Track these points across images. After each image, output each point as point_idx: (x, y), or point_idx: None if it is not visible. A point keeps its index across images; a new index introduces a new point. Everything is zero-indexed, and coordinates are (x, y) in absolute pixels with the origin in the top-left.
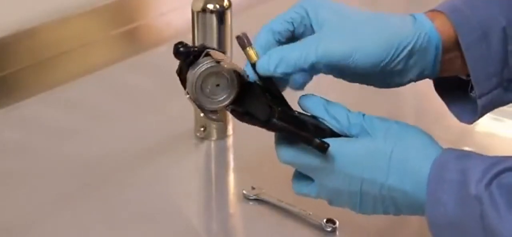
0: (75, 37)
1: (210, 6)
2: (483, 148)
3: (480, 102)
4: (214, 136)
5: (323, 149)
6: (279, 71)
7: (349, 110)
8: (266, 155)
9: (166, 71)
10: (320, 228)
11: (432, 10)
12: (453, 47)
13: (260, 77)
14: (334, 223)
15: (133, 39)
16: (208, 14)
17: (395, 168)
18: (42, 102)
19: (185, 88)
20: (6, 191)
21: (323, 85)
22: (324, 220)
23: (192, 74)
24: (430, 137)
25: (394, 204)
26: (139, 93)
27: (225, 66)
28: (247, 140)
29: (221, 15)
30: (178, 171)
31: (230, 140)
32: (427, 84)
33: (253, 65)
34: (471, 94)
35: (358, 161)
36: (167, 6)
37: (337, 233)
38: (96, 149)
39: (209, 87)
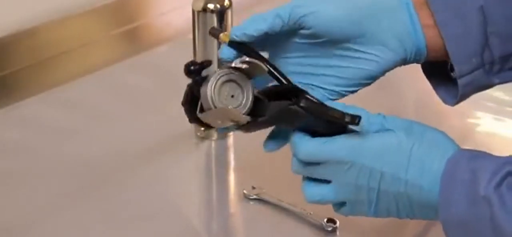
0: (75, 37)
1: (211, 6)
2: (484, 147)
3: (460, 82)
4: (215, 136)
5: (355, 122)
6: (252, 28)
7: (368, 111)
8: (267, 154)
9: (166, 70)
10: (320, 227)
11: None
12: (432, 23)
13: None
14: (334, 222)
15: (133, 39)
16: (208, 14)
17: (415, 164)
18: (42, 102)
19: (193, 112)
20: (6, 191)
21: None
22: (325, 220)
23: (209, 87)
24: (449, 138)
25: (409, 203)
26: (139, 93)
27: (237, 72)
28: (247, 140)
29: (221, 14)
30: (178, 171)
31: (230, 140)
32: (428, 83)
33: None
34: (452, 74)
35: (379, 154)
36: (168, 6)
37: (338, 233)
38: (96, 149)
39: (225, 99)
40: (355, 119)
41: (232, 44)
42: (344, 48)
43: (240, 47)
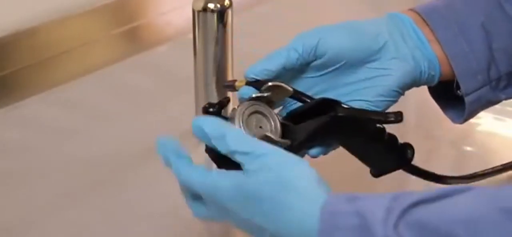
0: (75, 37)
1: (211, 6)
2: (485, 148)
3: (467, 99)
4: None
5: (398, 119)
6: (271, 64)
7: (231, 132)
8: None
9: (166, 70)
10: None
11: (409, 10)
12: (435, 39)
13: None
14: None
15: (134, 39)
16: (209, 14)
17: (281, 216)
18: (42, 102)
19: (229, 164)
20: (6, 191)
21: None
22: None
23: (237, 126)
24: (316, 177)
25: None
26: (139, 93)
27: (257, 102)
28: None
29: (222, 14)
30: None
31: None
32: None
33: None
34: (458, 92)
35: (239, 201)
36: (168, 6)
37: None
38: (96, 149)
39: (255, 131)
40: (398, 116)
41: (250, 83)
42: (357, 70)
43: (257, 84)
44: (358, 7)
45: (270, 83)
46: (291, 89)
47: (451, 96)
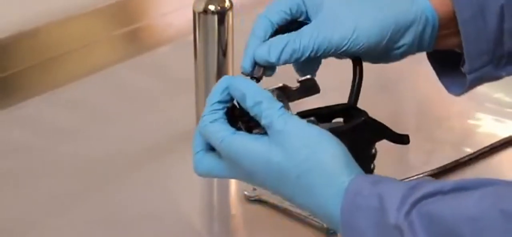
0: (77, 38)
1: (212, 7)
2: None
3: (469, 77)
4: None
5: (406, 141)
6: (281, 61)
7: (268, 102)
8: None
9: (167, 71)
10: (321, 229)
11: None
12: (448, 24)
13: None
14: None
15: (135, 40)
16: (209, 15)
17: (302, 190)
18: (44, 103)
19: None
20: (8, 191)
21: (322, 82)
22: None
23: None
24: (345, 157)
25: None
26: (141, 93)
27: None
28: None
29: (222, 16)
30: (179, 172)
31: None
32: (429, 85)
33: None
34: (462, 68)
35: (265, 171)
36: (169, 7)
37: (339, 234)
38: (98, 149)
39: None
40: (408, 139)
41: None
42: None
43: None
44: None
45: (300, 78)
46: (319, 89)
47: (448, 65)
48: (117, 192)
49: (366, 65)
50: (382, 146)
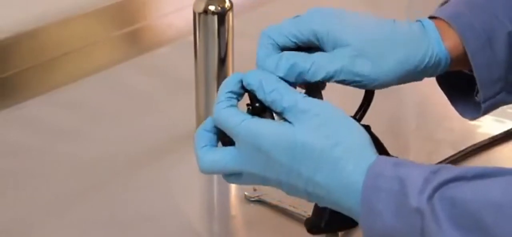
0: (76, 38)
1: (212, 8)
2: (485, 149)
3: (484, 105)
4: None
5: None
6: (288, 77)
7: (286, 88)
8: None
9: (167, 72)
10: None
11: (435, 17)
12: (460, 57)
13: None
14: None
15: (135, 40)
16: (209, 16)
17: (325, 166)
18: (44, 103)
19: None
20: (8, 191)
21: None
22: None
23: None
24: (367, 139)
25: (320, 201)
26: (141, 94)
27: None
28: None
29: (222, 16)
30: (179, 172)
31: None
32: (429, 86)
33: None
34: (476, 97)
35: (287, 149)
36: (169, 8)
37: (339, 234)
38: (97, 150)
39: None
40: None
41: None
42: None
43: None
44: (357, 7)
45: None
46: (322, 97)
47: (459, 90)
48: (117, 193)
49: None
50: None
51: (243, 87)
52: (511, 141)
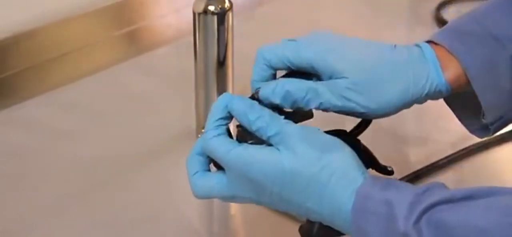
0: (75, 39)
1: (212, 8)
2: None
3: (492, 127)
4: None
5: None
6: (283, 104)
7: (270, 115)
8: None
9: (167, 72)
10: None
11: (433, 42)
12: (462, 86)
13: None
14: None
15: (134, 41)
16: (209, 16)
17: (314, 192)
18: (42, 104)
19: None
20: (6, 192)
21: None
22: None
23: None
24: (354, 160)
25: (314, 219)
26: (140, 95)
27: None
28: None
29: (222, 17)
30: (179, 172)
31: None
32: None
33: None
34: (483, 120)
35: (276, 177)
36: (168, 8)
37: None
38: (96, 151)
39: None
40: (392, 172)
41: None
42: None
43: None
44: (358, 7)
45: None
46: (312, 115)
47: (467, 108)
48: (115, 193)
49: None
50: (380, 148)
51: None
52: (508, 142)
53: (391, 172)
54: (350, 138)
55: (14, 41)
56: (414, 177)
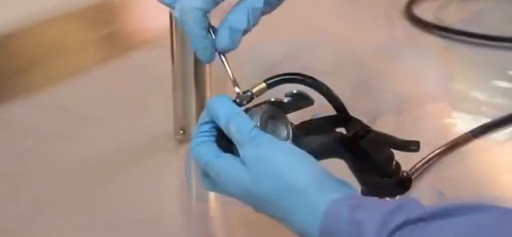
0: (54, 41)
1: None
2: (462, 148)
3: None
4: None
5: (417, 148)
6: (238, 39)
7: (241, 122)
8: None
9: (145, 73)
10: None
11: None
12: None
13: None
14: None
15: (113, 43)
16: None
17: (281, 214)
18: (25, 106)
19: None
20: None
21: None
22: None
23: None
24: (322, 176)
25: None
26: (118, 97)
27: (273, 107)
28: None
29: None
30: (157, 175)
31: None
32: (406, 85)
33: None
34: None
35: (244, 196)
36: (147, 9)
37: None
38: (77, 153)
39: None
40: (418, 146)
41: (270, 86)
42: None
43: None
44: (346, 7)
45: (294, 91)
46: (313, 100)
47: None
48: (95, 196)
49: (343, 63)
50: None
51: None
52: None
53: (417, 148)
54: (357, 122)
55: None
56: None
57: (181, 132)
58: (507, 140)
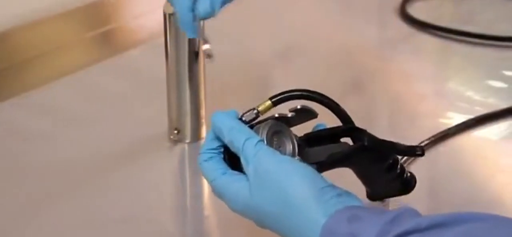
0: (47, 40)
1: None
2: (457, 147)
3: None
4: (188, 139)
5: (422, 153)
6: (218, 5)
7: (244, 138)
8: None
9: (139, 73)
10: None
11: None
12: None
13: None
14: None
15: (106, 42)
16: None
17: (281, 228)
18: (15, 106)
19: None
20: None
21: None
22: None
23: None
24: (320, 194)
25: None
26: (112, 96)
27: (279, 122)
28: None
29: None
30: (151, 175)
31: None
32: (401, 84)
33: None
34: None
35: (248, 213)
36: (141, 9)
37: None
38: (69, 153)
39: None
40: (422, 150)
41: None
42: None
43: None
44: (340, 6)
45: (298, 106)
46: (317, 114)
47: None
48: (88, 196)
49: (337, 63)
50: None
51: None
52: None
53: (422, 153)
54: (360, 132)
55: None
56: None
57: (175, 132)
58: (502, 138)
